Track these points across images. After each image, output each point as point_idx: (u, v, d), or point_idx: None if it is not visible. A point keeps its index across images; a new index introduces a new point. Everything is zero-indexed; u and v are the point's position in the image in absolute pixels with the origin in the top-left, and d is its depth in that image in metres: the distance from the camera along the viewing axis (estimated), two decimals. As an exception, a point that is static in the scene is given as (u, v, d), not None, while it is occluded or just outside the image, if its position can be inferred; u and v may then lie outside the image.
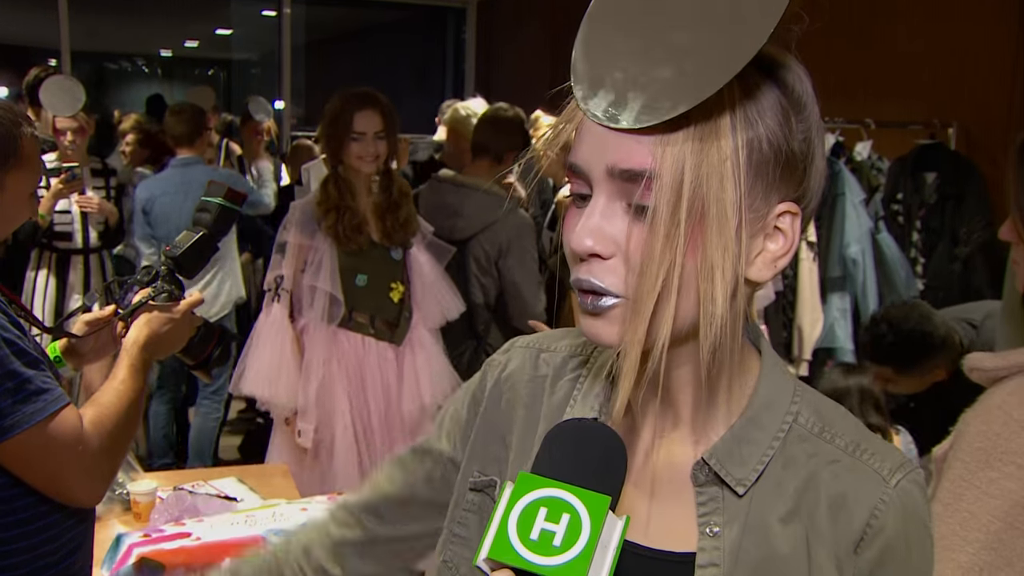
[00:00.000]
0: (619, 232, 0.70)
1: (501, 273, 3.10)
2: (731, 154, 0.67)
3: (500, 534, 0.65)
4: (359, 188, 2.86)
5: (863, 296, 3.68)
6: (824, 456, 0.78)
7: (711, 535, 0.76)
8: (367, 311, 2.88)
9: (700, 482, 0.78)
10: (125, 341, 1.57)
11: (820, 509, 0.76)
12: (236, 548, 1.66)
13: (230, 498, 2.13)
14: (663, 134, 0.67)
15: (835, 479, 0.77)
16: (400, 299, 2.91)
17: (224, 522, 1.76)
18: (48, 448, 1.34)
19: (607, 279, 0.71)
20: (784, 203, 0.73)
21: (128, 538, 1.67)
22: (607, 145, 0.69)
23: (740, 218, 0.69)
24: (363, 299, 2.87)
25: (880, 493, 0.76)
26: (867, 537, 0.76)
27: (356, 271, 2.85)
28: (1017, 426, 1.05)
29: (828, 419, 0.80)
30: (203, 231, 1.70)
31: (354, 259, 2.84)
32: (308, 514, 1.78)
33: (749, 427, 0.78)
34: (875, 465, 0.78)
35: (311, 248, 2.84)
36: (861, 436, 0.80)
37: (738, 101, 0.68)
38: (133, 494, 2.10)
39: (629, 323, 0.70)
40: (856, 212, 3.64)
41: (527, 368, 0.91)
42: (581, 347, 0.90)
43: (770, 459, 0.77)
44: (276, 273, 2.89)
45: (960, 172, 3.63)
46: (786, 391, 0.80)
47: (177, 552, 1.63)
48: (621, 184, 0.69)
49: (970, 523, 1.07)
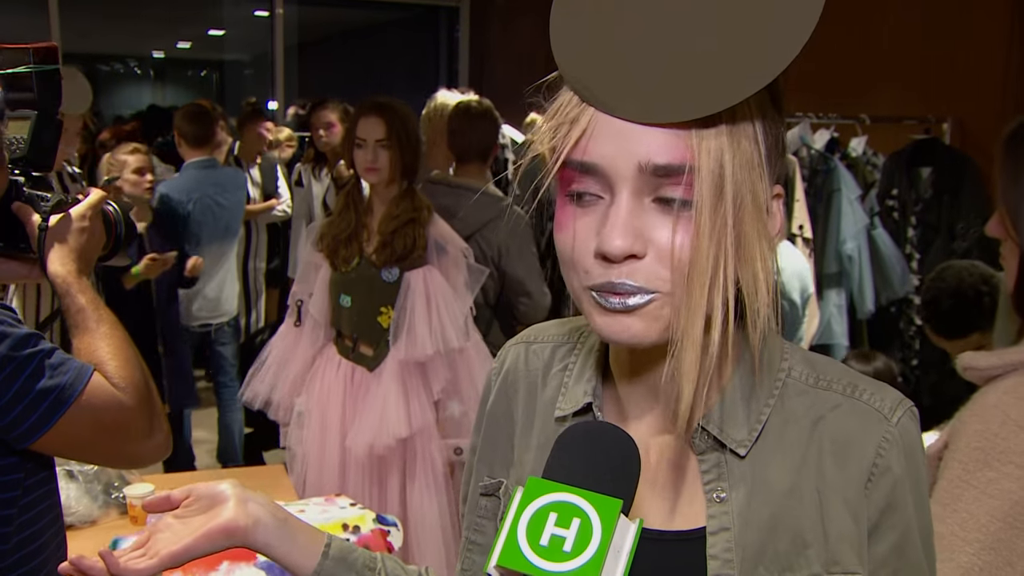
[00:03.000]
0: (652, 229, 0.69)
1: (504, 273, 3.06)
2: (755, 146, 0.69)
3: (509, 540, 0.64)
4: (377, 204, 2.73)
5: (859, 292, 3.68)
6: (824, 404, 0.79)
7: (719, 500, 0.76)
8: (351, 333, 2.77)
9: (701, 450, 0.78)
10: (53, 277, 1.37)
11: (825, 457, 0.77)
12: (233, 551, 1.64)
13: (226, 500, 2.12)
14: (698, 128, 0.67)
15: (837, 423, 0.77)
16: (389, 325, 2.72)
17: (221, 525, 1.74)
18: (97, 421, 1.24)
19: (645, 279, 0.69)
20: (775, 186, 0.75)
21: (125, 542, 1.65)
22: (636, 140, 0.68)
23: (767, 206, 0.70)
24: (347, 320, 2.75)
25: (883, 431, 0.77)
26: (874, 476, 0.76)
27: (341, 291, 2.74)
28: (1015, 425, 1.04)
29: (820, 368, 0.81)
30: (33, 113, 1.40)
31: (343, 278, 2.73)
32: (305, 516, 1.77)
33: (744, 389, 0.78)
34: (875, 404, 0.78)
35: (320, 266, 2.79)
36: (855, 378, 0.80)
37: (753, 96, 0.68)
38: (130, 498, 2.09)
39: (683, 321, 0.69)
40: (852, 208, 3.63)
41: (520, 364, 0.91)
42: (567, 334, 0.90)
43: (767, 416, 0.78)
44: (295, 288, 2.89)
45: (955, 167, 3.63)
46: (775, 350, 0.81)
47: (173, 556, 1.62)
48: (652, 180, 0.68)
49: (969, 524, 1.07)
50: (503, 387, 0.92)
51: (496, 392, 0.92)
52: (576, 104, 0.71)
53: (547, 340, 0.91)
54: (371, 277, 2.69)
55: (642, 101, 0.67)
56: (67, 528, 2.01)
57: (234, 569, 1.63)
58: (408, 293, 2.68)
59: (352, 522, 1.79)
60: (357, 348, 2.75)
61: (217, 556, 1.63)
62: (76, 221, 1.40)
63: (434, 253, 2.73)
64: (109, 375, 1.28)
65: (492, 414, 0.92)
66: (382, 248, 2.67)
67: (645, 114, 0.67)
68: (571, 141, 0.70)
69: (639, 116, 0.67)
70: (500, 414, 0.91)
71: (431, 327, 2.66)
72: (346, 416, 2.73)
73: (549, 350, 0.90)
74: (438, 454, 2.73)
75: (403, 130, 2.66)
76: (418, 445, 2.71)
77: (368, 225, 2.72)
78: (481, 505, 0.89)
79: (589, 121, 0.70)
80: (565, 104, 0.72)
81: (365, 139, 2.64)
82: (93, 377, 1.24)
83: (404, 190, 2.71)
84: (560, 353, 0.89)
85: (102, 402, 1.24)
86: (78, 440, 1.24)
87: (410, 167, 2.70)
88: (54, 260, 1.37)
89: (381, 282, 2.69)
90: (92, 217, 1.44)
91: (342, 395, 2.74)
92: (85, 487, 2.09)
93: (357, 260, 2.70)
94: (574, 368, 0.86)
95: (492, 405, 0.92)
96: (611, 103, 0.68)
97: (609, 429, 0.70)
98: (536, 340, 0.92)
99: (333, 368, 2.77)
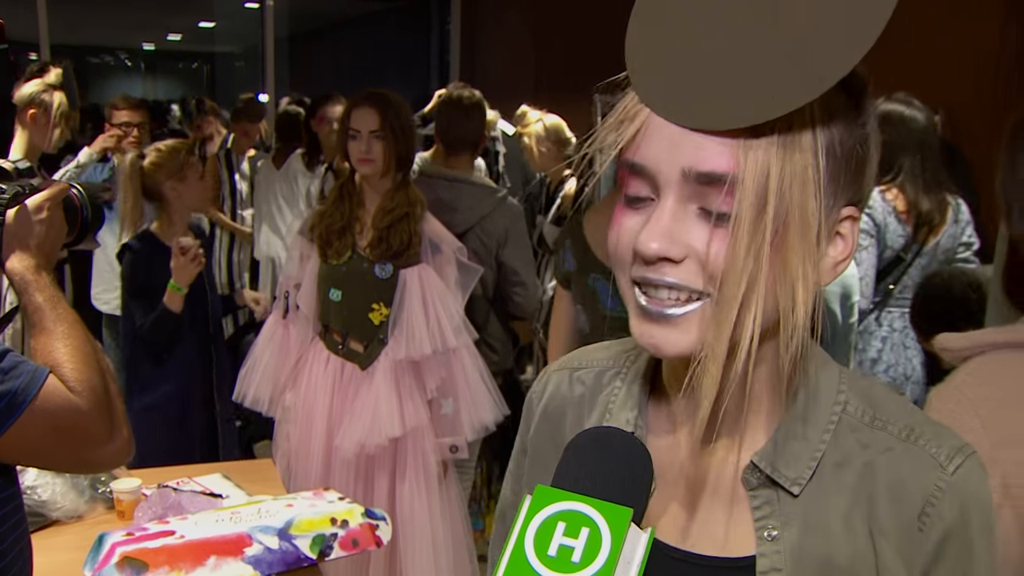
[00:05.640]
0: (691, 236, 0.67)
1: (502, 263, 3.06)
2: (812, 160, 0.66)
3: (517, 551, 0.62)
4: (370, 196, 2.69)
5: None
6: (878, 445, 0.75)
7: (770, 539, 0.74)
8: (340, 328, 2.72)
9: (752, 486, 0.76)
10: (10, 274, 1.33)
11: (880, 502, 0.74)
12: (220, 546, 1.64)
13: (215, 495, 2.11)
14: (747, 138, 0.65)
15: (891, 468, 0.74)
16: (381, 322, 2.68)
17: (209, 519, 1.74)
18: (52, 426, 1.20)
19: (682, 276, 0.68)
20: (847, 207, 0.71)
21: (111, 537, 1.64)
22: (683, 146, 0.67)
23: (819, 226, 0.67)
24: (336, 315, 2.70)
25: (936, 479, 0.73)
26: (925, 527, 0.73)
27: (331, 284, 2.69)
28: (968, 403, 1.05)
29: (878, 405, 0.78)
30: None
31: (333, 272, 2.68)
32: (294, 510, 1.77)
33: (797, 423, 0.76)
34: (931, 450, 0.75)
35: (308, 256, 2.76)
36: (915, 420, 0.77)
37: (816, 105, 0.65)
38: (116, 492, 2.07)
39: (711, 333, 0.67)
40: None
41: (563, 391, 0.90)
42: (614, 358, 0.88)
43: (823, 454, 0.75)
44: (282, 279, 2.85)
45: (946, 159, 3.62)
46: (831, 381, 0.78)
47: (160, 551, 1.61)
48: (696, 187, 0.67)
49: None
50: (545, 415, 0.90)
51: (539, 421, 0.91)
52: (636, 103, 0.70)
53: (592, 366, 0.90)
54: (363, 272, 2.66)
55: (691, 106, 0.66)
56: (53, 523, 2.02)
57: (221, 564, 1.62)
58: (405, 292, 2.66)
59: (341, 516, 1.78)
60: (347, 344, 2.72)
61: (204, 550, 1.62)
62: (34, 213, 1.35)
63: (428, 251, 2.71)
64: (65, 378, 1.22)
65: (535, 444, 0.90)
66: (377, 243, 2.63)
67: (691, 119, 0.66)
68: (625, 139, 0.70)
69: (685, 120, 0.66)
70: (544, 444, 0.89)
71: (429, 326, 2.64)
72: (333, 413, 2.71)
73: (593, 376, 0.88)
74: (431, 453, 2.72)
75: (397, 121, 2.63)
76: (410, 444, 2.69)
77: (361, 218, 2.69)
78: None
79: (644, 122, 0.69)
80: (628, 103, 0.71)
81: (359, 130, 2.61)
82: (48, 381, 1.19)
83: (398, 182, 2.69)
84: (605, 378, 0.87)
85: (57, 407, 1.19)
86: (33, 446, 1.19)
87: (404, 158, 2.67)
88: (11, 255, 1.32)
89: (374, 277, 2.65)
90: (51, 208, 1.38)
91: (330, 391, 2.72)
92: (71, 482, 2.07)
93: (349, 254, 2.67)
94: (620, 393, 0.85)
95: (535, 434, 0.91)
96: (661, 105, 0.67)
97: (619, 435, 0.69)
98: (580, 366, 0.90)
99: (321, 364, 2.74)
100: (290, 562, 1.67)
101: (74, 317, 1.31)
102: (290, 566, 1.67)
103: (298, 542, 1.69)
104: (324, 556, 1.70)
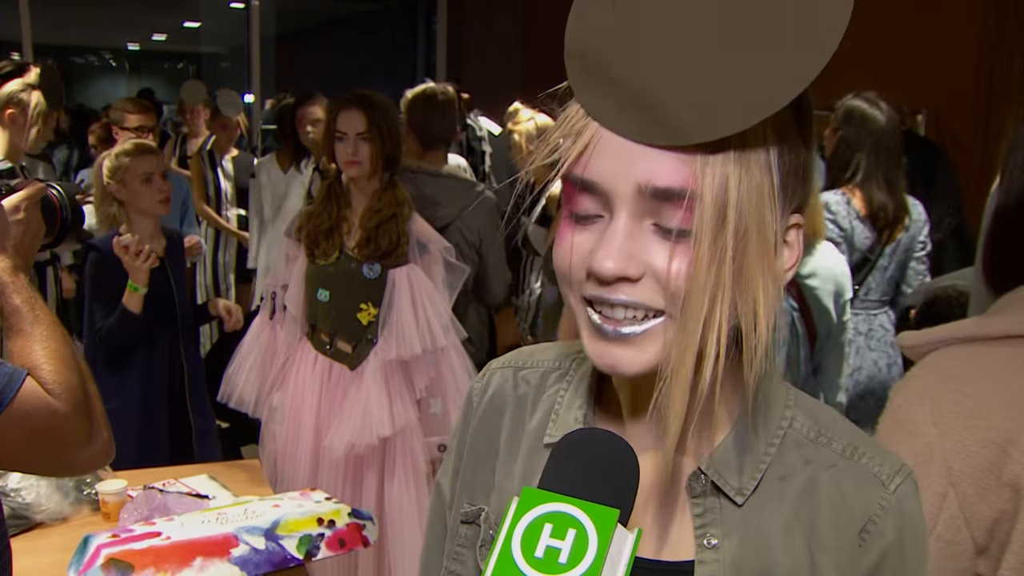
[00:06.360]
0: (649, 253, 0.66)
1: (482, 256, 3.08)
2: (767, 175, 0.65)
3: (504, 553, 0.62)
4: (357, 196, 2.69)
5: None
6: (821, 461, 0.76)
7: (709, 547, 0.74)
8: (328, 328, 2.71)
9: (696, 492, 0.76)
10: None
11: (821, 516, 0.74)
12: (207, 547, 1.63)
13: (201, 496, 2.10)
14: (704, 154, 0.63)
15: (834, 484, 0.75)
16: (369, 322, 2.67)
17: (195, 520, 1.73)
18: (30, 429, 1.18)
19: (639, 295, 0.66)
20: (794, 215, 0.71)
21: (96, 539, 1.63)
22: (637, 161, 0.64)
23: (776, 239, 0.67)
24: (324, 316, 2.69)
25: (879, 498, 0.75)
26: (864, 543, 0.74)
27: (319, 285, 2.68)
28: (915, 397, 1.06)
29: (823, 423, 0.78)
30: None
31: (320, 272, 2.67)
32: (280, 510, 1.76)
33: (745, 435, 0.76)
34: (874, 469, 0.76)
35: (295, 257, 2.75)
36: (858, 439, 0.78)
37: (770, 121, 0.64)
38: (102, 494, 2.06)
39: (675, 353, 0.66)
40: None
41: (507, 389, 0.89)
42: (559, 359, 0.88)
43: (767, 466, 0.75)
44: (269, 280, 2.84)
45: (930, 158, 3.65)
46: (779, 397, 0.78)
47: (146, 552, 1.60)
48: (651, 203, 0.65)
49: None
50: (487, 412, 0.89)
51: (480, 416, 0.89)
52: (583, 117, 0.68)
53: (536, 365, 0.89)
54: (351, 272, 2.66)
55: (644, 120, 0.64)
56: (38, 526, 2.01)
57: (208, 565, 1.62)
58: (393, 292, 2.66)
59: (327, 516, 1.78)
60: (335, 344, 2.72)
61: (190, 551, 1.62)
62: (10, 214, 1.33)
63: (416, 251, 2.71)
64: (43, 380, 1.20)
65: (475, 440, 0.89)
66: (365, 243, 2.63)
67: (645, 134, 0.64)
68: (572, 155, 0.67)
69: (639, 136, 0.64)
70: (483, 440, 0.88)
71: (418, 325, 2.64)
72: (321, 413, 2.70)
73: (539, 376, 0.87)
74: (420, 452, 2.72)
75: (384, 122, 2.63)
76: (398, 443, 2.69)
77: (348, 218, 2.69)
78: (461, 533, 0.85)
79: (592, 136, 0.67)
80: (573, 115, 0.69)
81: (345, 132, 2.60)
82: (25, 383, 1.17)
83: (386, 183, 2.69)
84: (551, 379, 0.86)
85: (34, 409, 1.17)
86: (10, 449, 1.18)
87: (391, 159, 2.65)
88: None
89: (362, 278, 2.65)
90: (28, 208, 1.36)
91: (318, 392, 2.71)
92: (56, 484, 2.06)
93: (337, 254, 2.66)
94: (566, 394, 0.84)
95: (475, 430, 0.89)
96: (613, 119, 0.65)
97: (605, 436, 0.68)
98: (525, 365, 0.89)
99: (309, 364, 2.73)
100: (276, 562, 1.67)
101: (52, 319, 1.29)
102: (277, 566, 1.66)
103: (285, 543, 1.69)
104: (311, 556, 1.70)
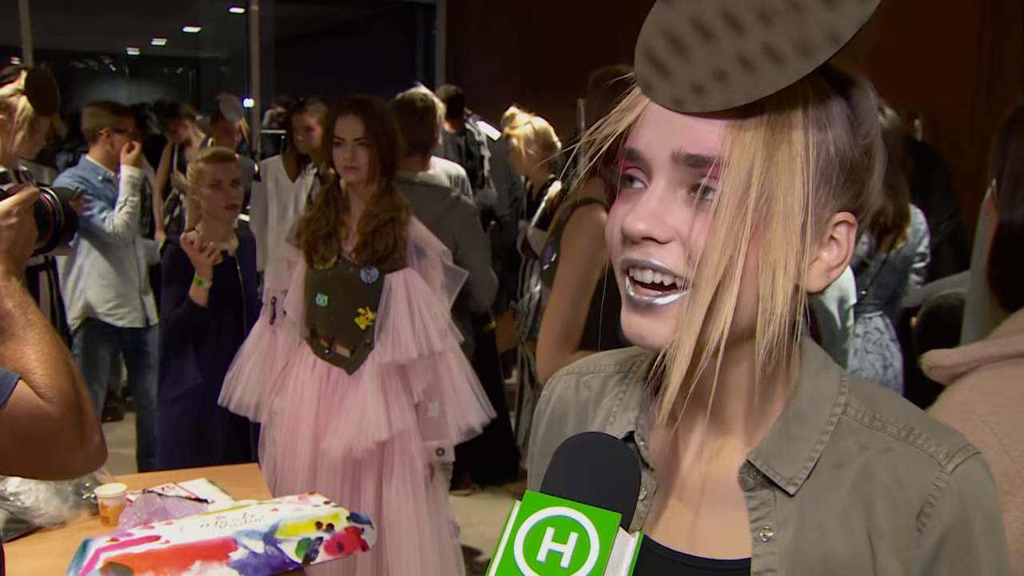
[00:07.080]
0: (678, 219, 0.68)
1: (462, 264, 3.07)
2: (801, 151, 0.67)
3: (506, 557, 0.62)
4: (355, 201, 2.70)
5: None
6: (876, 446, 0.75)
7: (765, 540, 0.74)
8: (327, 333, 2.72)
9: (749, 486, 0.75)
10: None
11: (878, 502, 0.73)
12: (206, 551, 1.63)
13: (200, 500, 2.10)
14: (735, 121, 0.66)
15: (889, 468, 0.73)
16: (367, 326, 2.68)
17: (194, 524, 1.73)
18: (22, 433, 1.18)
19: (666, 259, 0.68)
20: (843, 212, 0.72)
21: (95, 543, 1.64)
22: (673, 130, 0.68)
23: (806, 217, 0.67)
24: (323, 320, 2.70)
25: (934, 478, 0.72)
26: (923, 527, 0.72)
27: (318, 290, 2.69)
28: (980, 422, 1.02)
29: (879, 406, 0.77)
30: None
31: (319, 277, 2.68)
32: (279, 514, 1.77)
33: (794, 423, 0.75)
34: (930, 449, 0.74)
35: (295, 262, 2.75)
36: (916, 420, 0.76)
37: (810, 102, 0.67)
38: (101, 498, 2.06)
39: (685, 313, 0.68)
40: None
41: (570, 395, 0.90)
42: (621, 364, 0.89)
43: (820, 454, 0.74)
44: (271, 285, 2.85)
45: (926, 162, 3.65)
46: (832, 383, 0.78)
47: (145, 556, 1.60)
48: (685, 169, 0.68)
49: None
50: (552, 419, 0.91)
51: (546, 423, 0.92)
52: (637, 95, 0.72)
53: (598, 371, 0.90)
54: (349, 277, 2.67)
55: (679, 89, 0.67)
56: (37, 530, 2.01)
57: (207, 568, 1.62)
58: (390, 296, 2.67)
59: (326, 520, 1.78)
60: (334, 348, 2.73)
61: (189, 555, 1.62)
62: (2, 218, 1.34)
63: (413, 255, 2.72)
64: (35, 384, 1.21)
65: (543, 447, 0.91)
66: (362, 248, 2.64)
67: (677, 102, 0.67)
68: (622, 127, 0.71)
69: (671, 103, 0.68)
70: (549, 446, 0.89)
71: (415, 330, 2.65)
72: (320, 417, 2.70)
73: (600, 380, 0.89)
74: (418, 455, 2.72)
75: (381, 128, 2.64)
76: (396, 447, 2.70)
77: (347, 223, 2.70)
78: None
79: (643, 109, 0.71)
80: (632, 95, 0.73)
81: (343, 138, 2.61)
82: (17, 387, 1.17)
83: (384, 187, 2.69)
84: (611, 383, 0.88)
85: (26, 413, 1.17)
86: (1, 454, 1.18)
87: (389, 165, 2.66)
88: None
89: (360, 282, 2.66)
90: (20, 213, 1.37)
91: (316, 396, 2.71)
92: (55, 487, 2.06)
93: (335, 259, 2.67)
94: (624, 397, 0.85)
95: (542, 438, 0.92)
96: (654, 89, 0.69)
97: (607, 441, 0.69)
98: (587, 371, 0.91)
99: (308, 368, 2.74)
100: (275, 566, 1.67)
101: (44, 323, 1.30)
102: (275, 570, 1.67)
103: (283, 546, 1.69)
104: (309, 560, 1.70)
